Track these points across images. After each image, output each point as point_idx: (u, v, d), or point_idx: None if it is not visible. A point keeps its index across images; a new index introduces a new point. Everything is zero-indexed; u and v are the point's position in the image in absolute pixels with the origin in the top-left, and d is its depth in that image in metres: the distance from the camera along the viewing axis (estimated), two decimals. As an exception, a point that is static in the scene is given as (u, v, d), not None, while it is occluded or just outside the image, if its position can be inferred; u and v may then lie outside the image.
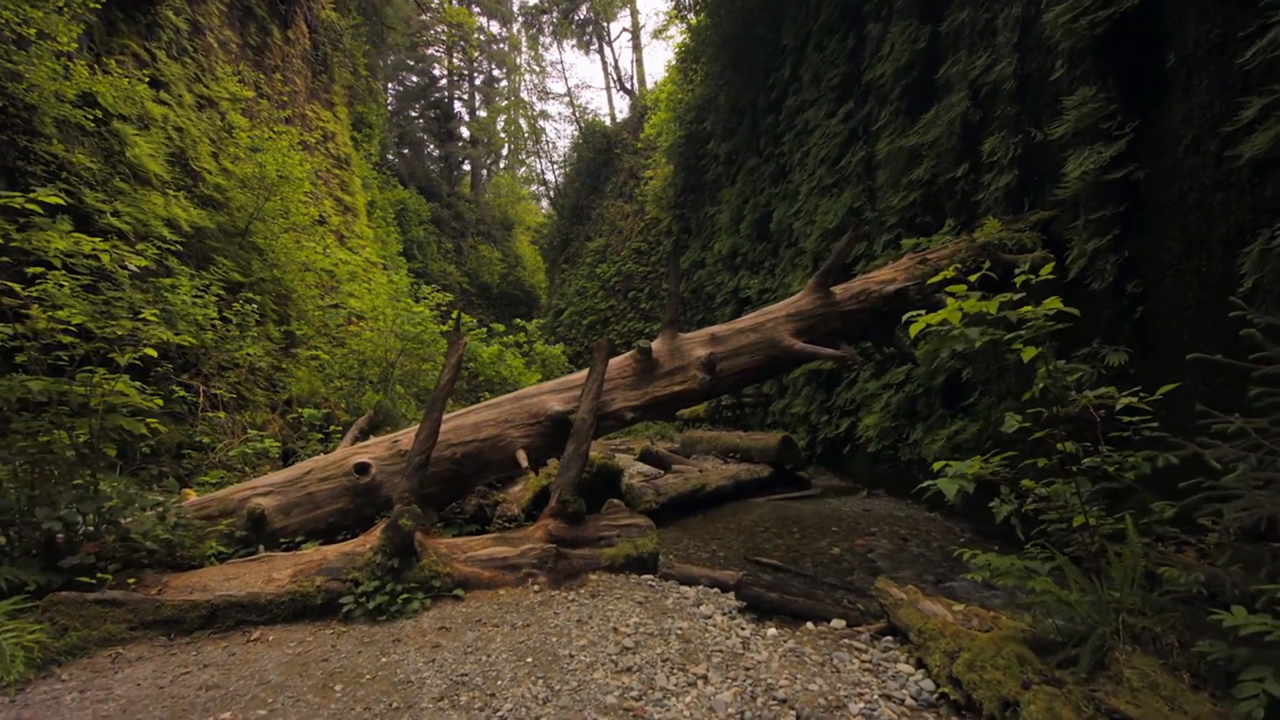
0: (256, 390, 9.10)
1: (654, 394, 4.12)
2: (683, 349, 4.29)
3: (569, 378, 4.16)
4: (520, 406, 4.02)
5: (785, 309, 4.41)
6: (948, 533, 5.67)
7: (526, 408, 4.03)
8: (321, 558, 3.09)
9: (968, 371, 6.20)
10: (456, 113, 44.61)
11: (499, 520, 4.55)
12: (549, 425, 4.00)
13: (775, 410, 11.54)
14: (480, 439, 3.90)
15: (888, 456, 7.46)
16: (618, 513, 3.96)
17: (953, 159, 6.69)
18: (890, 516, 6.34)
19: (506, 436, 3.91)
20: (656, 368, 4.20)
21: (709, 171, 17.17)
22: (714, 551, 5.10)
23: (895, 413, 7.36)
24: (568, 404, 4.01)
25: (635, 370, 4.20)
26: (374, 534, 3.25)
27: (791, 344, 4.23)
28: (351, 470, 3.79)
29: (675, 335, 4.31)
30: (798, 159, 11.68)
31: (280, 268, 9.96)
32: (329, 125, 15.97)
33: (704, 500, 7.03)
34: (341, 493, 3.76)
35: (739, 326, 4.38)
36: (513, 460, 3.86)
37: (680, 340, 4.33)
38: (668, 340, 4.28)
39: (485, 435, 3.92)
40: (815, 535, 5.61)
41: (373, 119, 26.13)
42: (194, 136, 9.57)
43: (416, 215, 34.93)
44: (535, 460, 4.01)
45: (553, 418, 3.97)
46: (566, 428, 3.89)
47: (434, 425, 3.54)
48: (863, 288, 4.52)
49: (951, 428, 6.05)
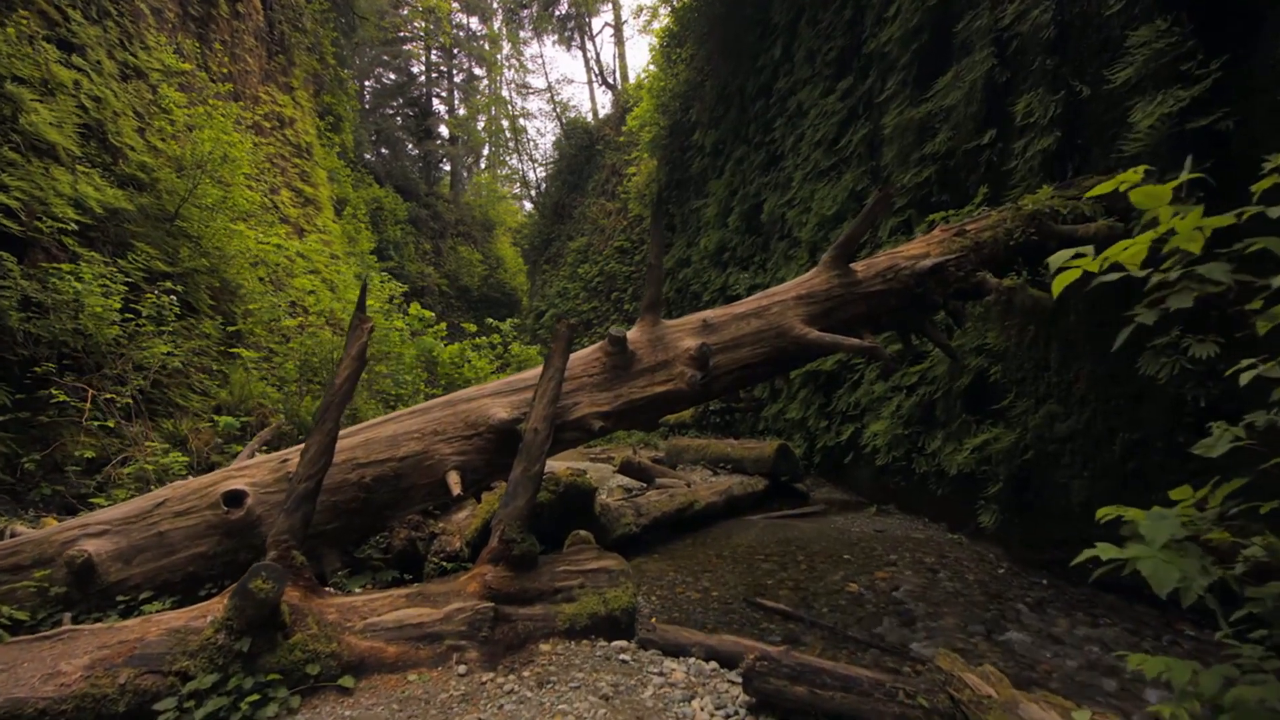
0: (192, 396, 8.04)
1: (630, 396, 3.18)
2: (667, 339, 3.35)
3: (519, 376, 3.23)
4: (454, 413, 3.06)
5: (794, 290, 3.51)
6: (980, 561, 4.78)
7: (462, 415, 3.07)
8: (138, 637, 2.10)
9: (996, 371, 5.34)
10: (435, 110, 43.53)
11: (435, 559, 3.59)
12: (492, 438, 3.04)
13: (768, 415, 10.65)
14: (399, 457, 2.94)
15: (899, 468, 6.58)
16: (583, 551, 3.02)
17: (975, 126, 5.84)
18: (908, 539, 5.45)
19: (435, 453, 2.95)
20: (633, 363, 3.26)
21: (694, 164, 16.33)
22: (706, 590, 4.17)
23: (908, 418, 6.48)
24: (516, 410, 3.06)
25: (605, 366, 3.25)
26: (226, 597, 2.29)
27: (803, 332, 3.31)
28: (219, 502, 2.82)
29: (657, 321, 3.38)
30: (790, 144, 10.84)
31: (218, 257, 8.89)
32: (286, 110, 14.88)
33: (692, 520, 6.11)
34: (205, 531, 2.78)
35: (737, 311, 3.46)
36: (443, 484, 2.91)
37: (664, 328, 3.40)
38: (648, 328, 3.35)
39: (406, 452, 2.96)
40: (825, 565, 4.70)
41: (342, 111, 24.98)
42: (116, 108, 8.49)
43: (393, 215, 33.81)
44: (473, 484, 3.06)
45: (496, 428, 3.02)
46: (515, 440, 2.93)
47: (326, 440, 2.59)
48: (889, 264, 3.63)
49: (980, 436, 5.17)
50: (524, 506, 2.80)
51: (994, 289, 3.63)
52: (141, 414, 6.76)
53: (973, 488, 5.44)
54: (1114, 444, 4.22)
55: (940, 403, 5.97)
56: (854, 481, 7.89)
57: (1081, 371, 4.62)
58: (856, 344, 3.16)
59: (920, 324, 3.84)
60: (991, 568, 4.61)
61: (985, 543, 5.21)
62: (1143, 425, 4.05)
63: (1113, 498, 4.34)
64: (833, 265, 3.60)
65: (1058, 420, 4.72)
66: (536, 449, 2.87)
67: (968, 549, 5.10)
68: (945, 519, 5.96)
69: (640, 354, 3.25)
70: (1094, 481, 4.34)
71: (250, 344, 8.98)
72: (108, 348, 6.40)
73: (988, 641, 3.32)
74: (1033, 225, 3.87)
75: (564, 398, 3.10)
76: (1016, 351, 5.18)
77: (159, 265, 7.91)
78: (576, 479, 4.60)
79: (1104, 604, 3.89)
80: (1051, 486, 4.62)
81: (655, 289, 3.34)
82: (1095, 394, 4.48)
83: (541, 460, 2.88)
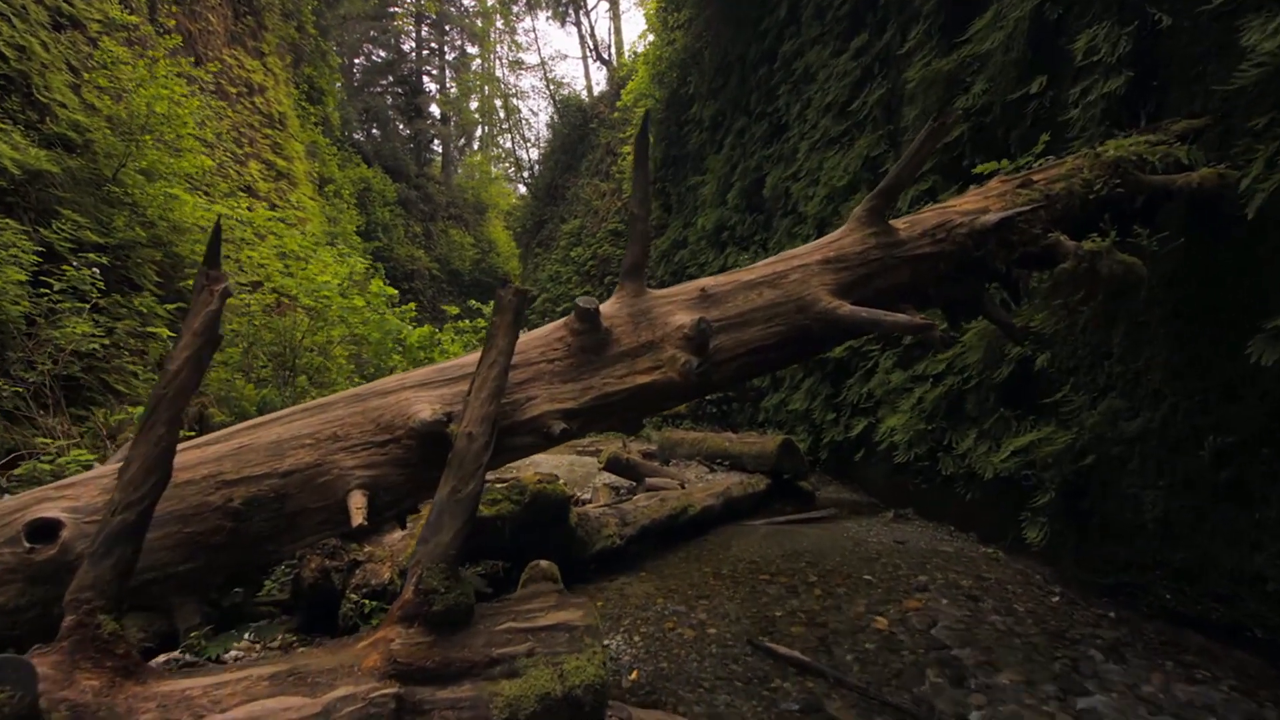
0: (136, 383, 7.22)
1: (603, 389, 2.38)
2: (654, 313, 2.55)
3: (457, 361, 2.43)
4: (363, 411, 2.26)
5: (819, 252, 2.72)
6: (1026, 585, 4.03)
7: (374, 413, 2.27)
8: None
9: (1043, 359, 4.56)
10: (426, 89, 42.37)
11: (355, 596, 2.81)
12: (413, 445, 2.24)
13: (768, 406, 9.88)
14: (282, 471, 2.15)
15: (920, 468, 5.82)
16: (537, 597, 2.25)
17: (1019, 74, 5.02)
18: (936, 553, 4.70)
19: (333, 466, 2.16)
20: (609, 344, 2.46)
21: (691, 140, 15.46)
22: (701, 625, 3.40)
23: (931, 412, 5.71)
24: (450, 406, 2.26)
25: (571, 349, 2.45)
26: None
27: (831, 306, 2.52)
28: (21, 536, 2.03)
29: (641, 291, 2.58)
30: (796, 112, 9.99)
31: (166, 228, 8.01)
32: (256, 76, 13.91)
33: (686, 527, 5.34)
34: (3, 577, 2.01)
35: (746, 279, 2.66)
36: (342, 506, 2.13)
37: (650, 300, 2.60)
38: (628, 298, 2.56)
39: (294, 464, 2.16)
40: (843, 588, 3.94)
41: (325, 84, 23.93)
42: (44, 60, 7.58)
43: (381, 196, 32.87)
44: (388, 506, 2.26)
45: (419, 431, 2.21)
46: (447, 448, 2.14)
47: (156, 452, 1.80)
48: (940, 220, 2.84)
49: (1025, 436, 4.40)
50: (451, 542, 2.01)
51: (1071, 254, 2.83)
52: (59, 403, 5.95)
53: (1012, 495, 4.68)
54: (1200, 448, 3.45)
55: (972, 395, 5.20)
56: (865, 481, 7.14)
57: (1155, 359, 3.85)
58: (905, 321, 2.36)
59: (975, 298, 3.04)
60: (1041, 594, 3.86)
61: (1027, 559, 4.46)
62: (1241, 425, 3.28)
63: (1199, 514, 3.61)
64: (868, 221, 2.80)
65: (1123, 418, 3.95)
66: (471, 461, 2.08)
67: (1007, 568, 4.35)
68: (975, 528, 5.21)
69: (618, 333, 2.46)
70: (1173, 493, 3.58)
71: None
72: (14, 326, 5.57)
73: (1065, 710, 2.56)
74: (1116, 175, 3.06)
75: (513, 390, 2.30)
76: (1070, 336, 4.40)
77: (90, 235, 7.04)
78: (546, 486, 3.82)
79: (1192, 647, 3.15)
80: (1116, 497, 3.86)
81: (639, 247, 2.54)
82: (1173, 386, 3.70)
83: (478, 476, 2.09)
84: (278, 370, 6.68)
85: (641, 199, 2.52)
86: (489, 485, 3.65)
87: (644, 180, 2.53)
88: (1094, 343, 4.30)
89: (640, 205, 2.52)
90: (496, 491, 3.65)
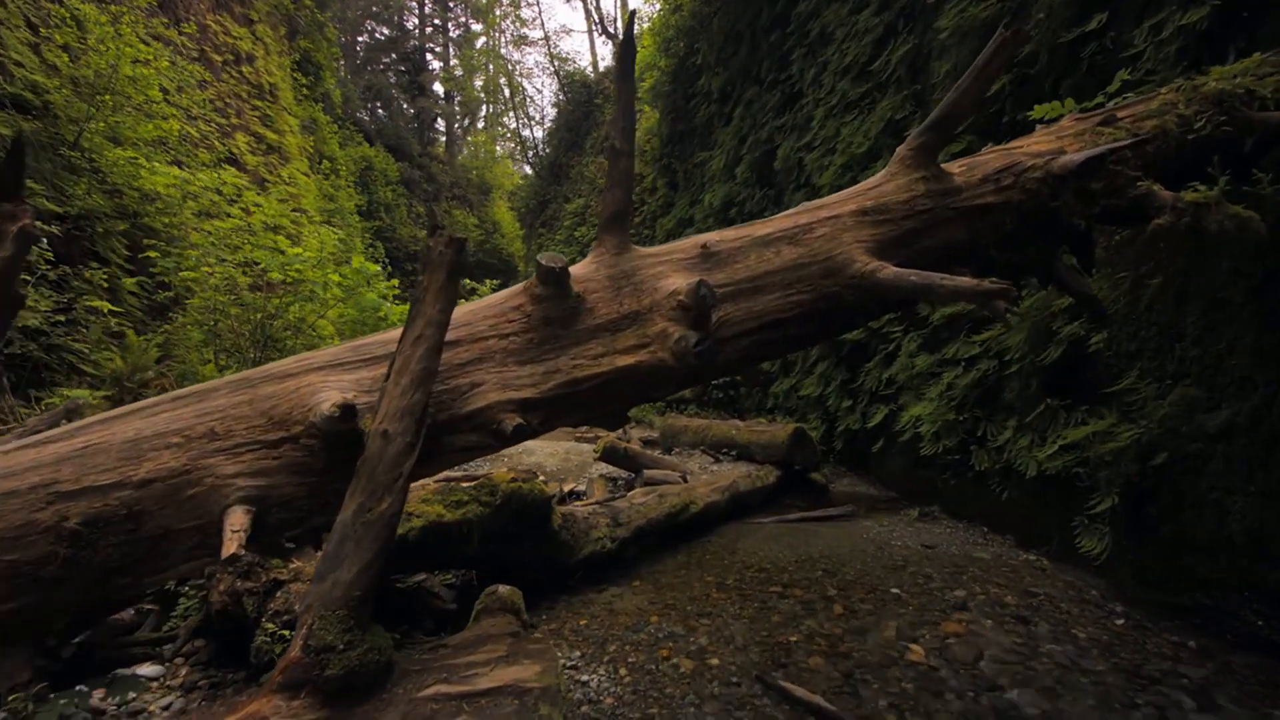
0: (104, 364, 6.72)
1: (572, 373, 1.83)
2: (640, 276, 1.98)
3: (379, 337, 1.88)
4: (250, 401, 1.72)
5: (852, 201, 2.14)
6: (1082, 602, 3.47)
7: (265, 404, 1.73)
8: None
9: (1098, 340, 3.95)
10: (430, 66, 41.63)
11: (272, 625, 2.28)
12: (317, 447, 1.70)
13: (778, 392, 9.30)
14: (138, 480, 1.62)
15: (948, 462, 5.25)
16: (485, 643, 1.71)
17: (1074, 13, 4.38)
18: (970, 561, 4.15)
19: (206, 474, 1.62)
20: (580, 314, 1.90)
21: (699, 113, 14.78)
22: (701, 652, 2.87)
23: (962, 400, 5.13)
24: (369, 393, 1.72)
25: (531, 320, 1.88)
26: None
27: (869, 268, 1.94)
28: None
29: (625, 247, 2.02)
30: (811, 77, 9.31)
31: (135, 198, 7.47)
32: (244, 44, 13.28)
33: (687, 526, 4.82)
34: None
35: (759, 233, 2.09)
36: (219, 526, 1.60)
37: (636, 258, 2.03)
38: (608, 255, 2.00)
39: (153, 471, 1.63)
40: (868, 604, 3.40)
41: (322, 58, 23.28)
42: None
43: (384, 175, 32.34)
44: (281, 526, 1.72)
45: (323, 428, 1.68)
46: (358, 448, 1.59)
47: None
48: (1006, 163, 2.25)
49: (1080, 429, 3.81)
50: (356, 580, 1.47)
51: (1168, 206, 2.24)
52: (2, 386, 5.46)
53: (1059, 495, 4.12)
54: (1303, 447, 2.87)
55: (1013, 382, 4.61)
56: (884, 474, 6.58)
57: (1241, 340, 3.25)
58: (970, 285, 1.78)
59: (1046, 263, 2.45)
60: (1102, 615, 3.30)
61: (1077, 570, 3.91)
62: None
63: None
64: (916, 162, 2.21)
65: (1200, 410, 3.36)
66: (386, 469, 1.54)
67: (1055, 580, 3.79)
68: (1011, 530, 4.65)
69: (593, 300, 1.90)
70: (1267, 500, 3.00)
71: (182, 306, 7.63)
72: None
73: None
74: (1221, 111, 2.45)
75: (452, 374, 1.75)
76: (1132, 313, 3.80)
77: (46, 204, 6.53)
78: (522, 485, 3.28)
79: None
80: (1194, 503, 3.28)
81: (621, 191, 1.97)
82: (1265, 373, 3.11)
83: (397, 489, 1.55)
84: (240, 349, 6.14)
85: (624, 129, 1.94)
86: (452, 484, 3.12)
87: (628, 104, 1.96)
88: (1161, 322, 3.69)
89: (623, 137, 1.94)
90: (462, 492, 3.11)
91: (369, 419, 1.62)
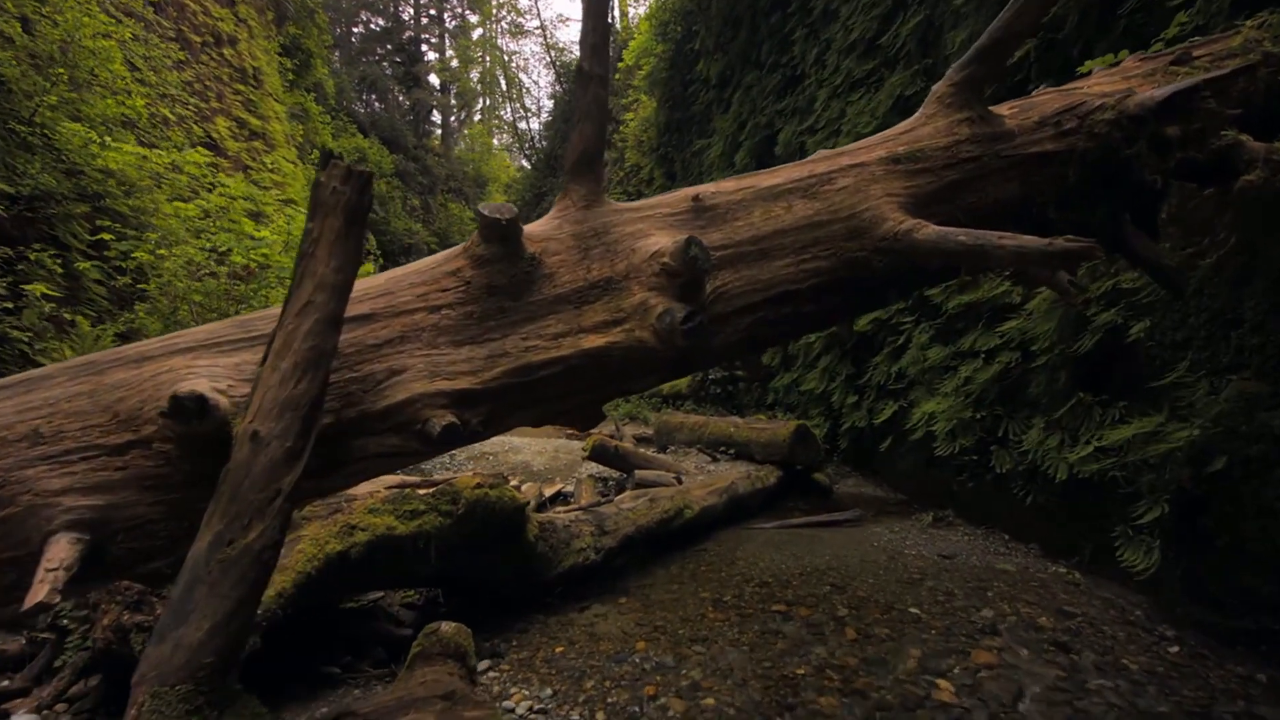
0: (68, 351, 6.28)
1: (524, 355, 1.41)
2: (614, 233, 1.56)
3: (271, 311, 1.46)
4: (91, 392, 1.31)
5: (880, 147, 1.72)
6: (1125, 624, 3.06)
7: (111, 395, 1.31)
8: None
9: (1140, 328, 3.54)
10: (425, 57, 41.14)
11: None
12: (175, 453, 1.28)
13: (778, 387, 8.89)
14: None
15: (965, 463, 4.84)
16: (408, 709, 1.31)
17: (1110, -33, 3.96)
18: (994, 573, 3.74)
19: (20, 489, 1.22)
20: (535, 282, 1.48)
21: (697, 101, 14.38)
22: (695, 688, 2.46)
23: (980, 396, 4.72)
24: (250, 383, 1.30)
25: (470, 288, 1.46)
26: None
27: (904, 227, 1.53)
28: None
29: (597, 198, 1.59)
30: (814, 57, 8.88)
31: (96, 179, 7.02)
32: (225, 26, 12.79)
33: (680, 533, 4.41)
34: None
35: (765, 184, 1.67)
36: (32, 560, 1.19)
37: (610, 212, 1.61)
38: (575, 209, 1.57)
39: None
40: (885, 627, 2.99)
41: (312, 45, 22.76)
42: (-58, -19, 6.56)
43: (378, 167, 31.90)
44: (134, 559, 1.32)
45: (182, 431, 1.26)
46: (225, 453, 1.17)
47: None
48: (1067, 103, 1.83)
49: (1125, 429, 3.39)
50: (205, 642, 1.06)
51: (1259, 160, 1.82)
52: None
53: (1091, 501, 3.71)
54: (1395, 451, 2.46)
55: (1039, 375, 4.19)
56: (892, 474, 6.17)
57: (1313, 328, 2.85)
58: (1039, 245, 1.36)
59: (1113, 226, 2.02)
60: (1152, 640, 2.89)
61: (1113, 585, 3.50)
62: None
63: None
64: (957, 102, 1.80)
65: (1262, 407, 2.95)
66: (258, 483, 1.12)
67: (1092, 597, 3.38)
68: (1035, 539, 4.24)
69: (554, 263, 1.48)
70: (1350, 512, 2.60)
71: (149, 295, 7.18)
72: None
73: None
74: (1319, 47, 2.03)
75: (364, 358, 1.33)
76: (1178, 297, 3.38)
77: (-6, 184, 6.08)
78: (489, 492, 2.86)
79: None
80: (1256, 514, 2.87)
81: (591, 128, 1.54)
82: (1343, 365, 2.71)
83: (273, 512, 1.13)
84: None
85: (594, 46, 1.52)
86: (407, 491, 2.69)
87: (599, 15, 1.53)
88: (1214, 307, 3.28)
89: (593, 57, 1.52)
90: (418, 500, 2.69)
91: (243, 418, 1.20)
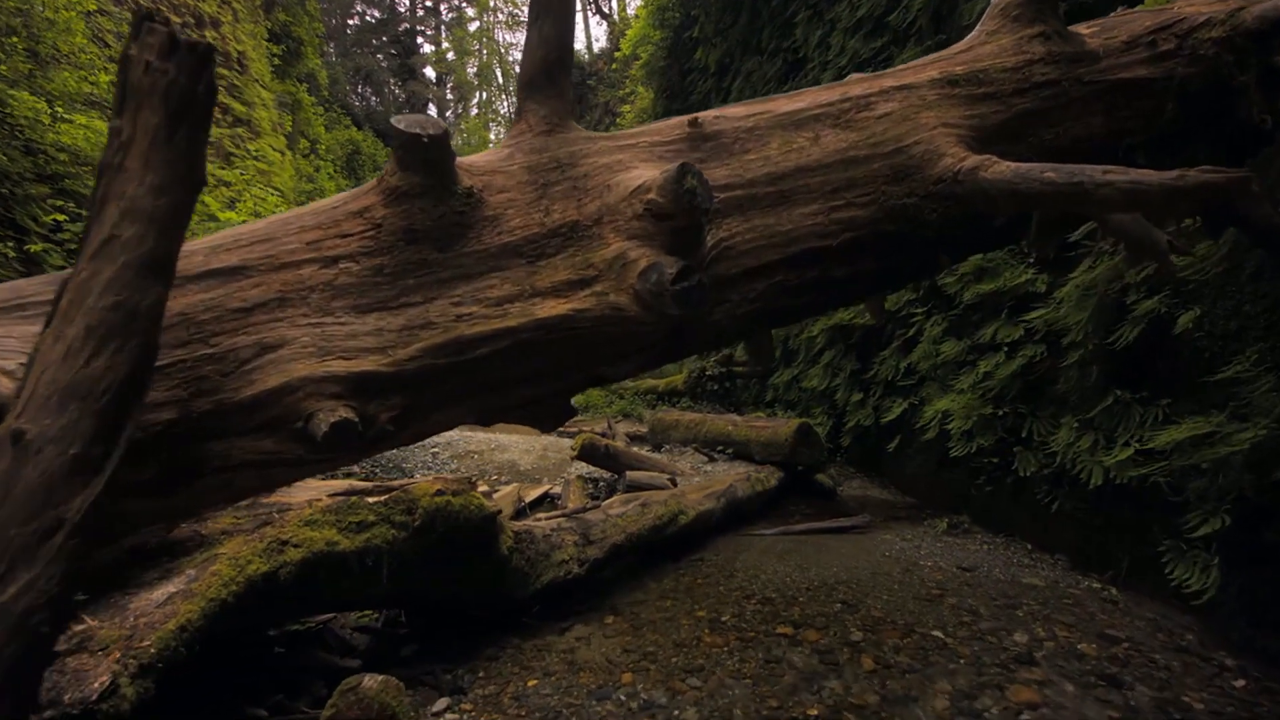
0: None
1: (456, 328, 1.03)
2: (584, 165, 1.18)
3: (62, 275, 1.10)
4: None
5: (931, 68, 1.36)
6: (1178, 650, 2.70)
7: None
8: None
9: (1187, 318, 3.17)
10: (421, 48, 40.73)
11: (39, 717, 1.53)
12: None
13: (778, 384, 8.53)
14: None
15: (983, 465, 4.47)
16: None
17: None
18: (1021, 588, 3.37)
19: None
20: (473, 225, 1.09)
21: (696, 90, 14.03)
22: (687, 733, 2.08)
23: (1000, 392, 4.35)
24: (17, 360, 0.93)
25: (383, 234, 1.07)
26: None
27: (968, 165, 1.15)
28: None
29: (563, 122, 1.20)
30: (817, 39, 8.52)
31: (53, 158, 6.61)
32: (208, 7, 12.34)
33: (674, 540, 4.03)
34: None
35: (783, 109, 1.30)
36: None
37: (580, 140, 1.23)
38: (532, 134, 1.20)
39: None
40: (906, 655, 2.62)
41: (302, 33, 22.27)
42: (-110, -56, 6.12)
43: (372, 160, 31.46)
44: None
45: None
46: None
47: None
48: (1162, 20, 1.47)
49: (1177, 430, 3.02)
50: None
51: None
52: None
53: (1130, 509, 3.35)
54: None
55: (1069, 370, 3.82)
56: (901, 477, 5.80)
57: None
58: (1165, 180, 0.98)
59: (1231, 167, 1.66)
60: (1212, 671, 2.53)
61: (1156, 603, 3.14)
62: None
63: None
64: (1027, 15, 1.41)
65: (1338, 405, 2.59)
66: (24, 512, 0.73)
67: (1134, 618, 3.02)
68: (1063, 549, 3.88)
69: (499, 202, 1.09)
70: None
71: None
72: None
73: None
74: None
75: (226, 326, 0.95)
76: (1232, 282, 3.02)
77: (-62, 161, 5.66)
78: (453, 500, 2.47)
79: None
80: (1335, 528, 2.51)
81: (554, 29, 1.14)
82: None
83: (46, 553, 0.74)
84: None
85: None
86: (354, 500, 2.30)
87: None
88: (1275, 293, 2.91)
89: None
90: (367, 509, 2.31)
91: (11, 415, 0.82)
